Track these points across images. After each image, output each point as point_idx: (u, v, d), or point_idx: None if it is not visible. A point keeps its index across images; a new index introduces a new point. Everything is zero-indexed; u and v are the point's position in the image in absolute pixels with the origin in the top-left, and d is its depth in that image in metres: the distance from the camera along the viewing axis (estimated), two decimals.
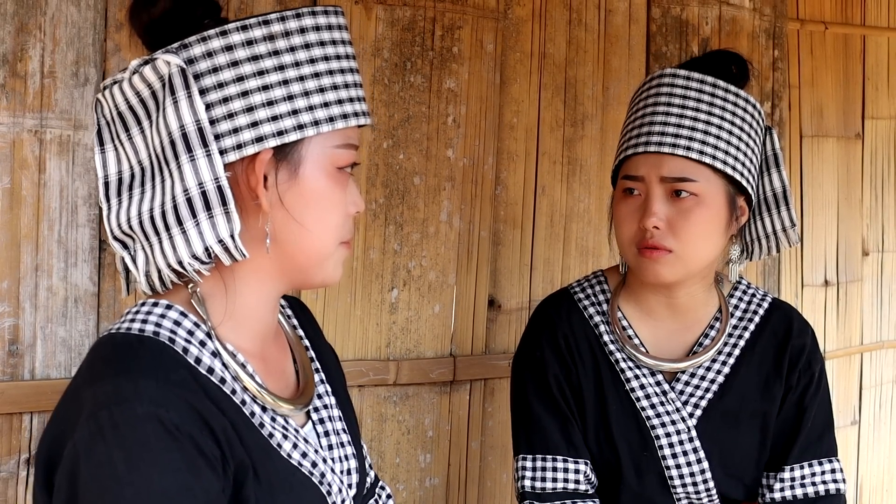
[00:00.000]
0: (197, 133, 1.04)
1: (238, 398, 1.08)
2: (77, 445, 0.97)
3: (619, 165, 1.65)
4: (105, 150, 1.11)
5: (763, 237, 1.69)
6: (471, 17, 2.28)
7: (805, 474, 1.63)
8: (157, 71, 1.05)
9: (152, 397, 0.97)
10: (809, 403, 1.65)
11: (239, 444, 1.04)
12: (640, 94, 1.66)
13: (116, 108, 1.10)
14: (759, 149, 1.63)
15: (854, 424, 3.25)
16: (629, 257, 1.61)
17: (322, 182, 1.11)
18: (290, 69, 1.09)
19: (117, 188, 1.10)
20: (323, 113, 1.09)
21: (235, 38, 1.07)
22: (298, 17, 1.10)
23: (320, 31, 1.12)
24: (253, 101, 1.07)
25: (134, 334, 1.04)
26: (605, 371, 1.65)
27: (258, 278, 1.12)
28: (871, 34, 3.20)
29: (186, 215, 1.04)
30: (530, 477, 1.63)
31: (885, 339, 3.34)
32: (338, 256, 1.16)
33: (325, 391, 1.27)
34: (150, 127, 1.07)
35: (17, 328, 1.75)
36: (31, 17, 1.74)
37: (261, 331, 1.16)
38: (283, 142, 1.08)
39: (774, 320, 1.69)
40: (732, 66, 1.64)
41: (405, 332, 2.24)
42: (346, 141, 1.13)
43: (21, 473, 1.75)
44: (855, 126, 3.18)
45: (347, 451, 1.25)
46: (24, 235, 1.75)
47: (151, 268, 1.09)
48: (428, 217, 2.25)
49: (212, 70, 1.06)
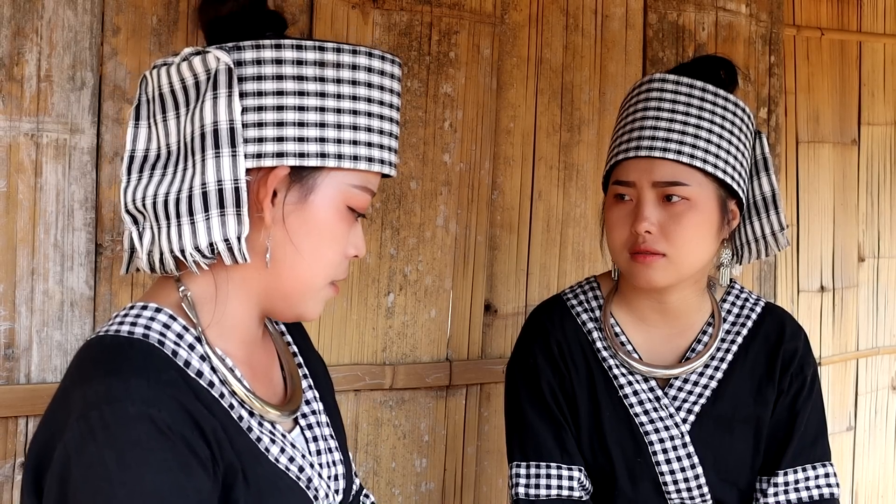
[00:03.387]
0: (228, 132, 1.05)
1: (226, 402, 1.08)
2: (67, 446, 0.96)
3: (609, 171, 1.65)
4: (139, 125, 1.12)
5: (753, 241, 1.69)
6: (467, 21, 2.28)
7: (799, 478, 1.63)
8: (206, 64, 1.07)
9: (144, 397, 0.97)
10: (802, 407, 1.65)
11: (228, 446, 1.05)
12: (630, 99, 1.66)
13: (159, 88, 1.11)
14: (749, 153, 1.63)
15: (849, 430, 3.26)
16: (621, 262, 1.61)
17: (329, 214, 1.11)
18: (331, 99, 1.10)
19: (140, 164, 1.11)
20: (349, 150, 1.10)
21: (288, 54, 1.08)
22: (354, 54, 1.11)
23: (372, 73, 1.13)
24: (285, 118, 1.08)
25: (123, 336, 1.04)
26: (599, 377, 1.65)
27: (247, 289, 1.13)
28: (867, 40, 3.21)
29: (199, 208, 1.05)
30: (524, 484, 1.63)
31: (880, 346, 3.35)
32: (323, 294, 1.16)
33: (314, 397, 1.27)
34: (186, 115, 1.09)
35: (12, 332, 1.75)
36: (27, 20, 1.74)
37: (246, 339, 1.16)
38: (302, 164, 1.09)
39: (767, 324, 1.69)
40: (721, 70, 1.64)
41: (401, 336, 2.24)
42: (364, 183, 1.14)
43: (17, 478, 1.75)
44: (851, 132, 3.19)
45: (335, 456, 1.25)
46: (20, 239, 1.75)
47: (155, 249, 1.10)
48: (424, 222, 2.25)
49: (256, 77, 1.08)
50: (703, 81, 1.59)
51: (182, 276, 1.11)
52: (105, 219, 1.83)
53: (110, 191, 1.84)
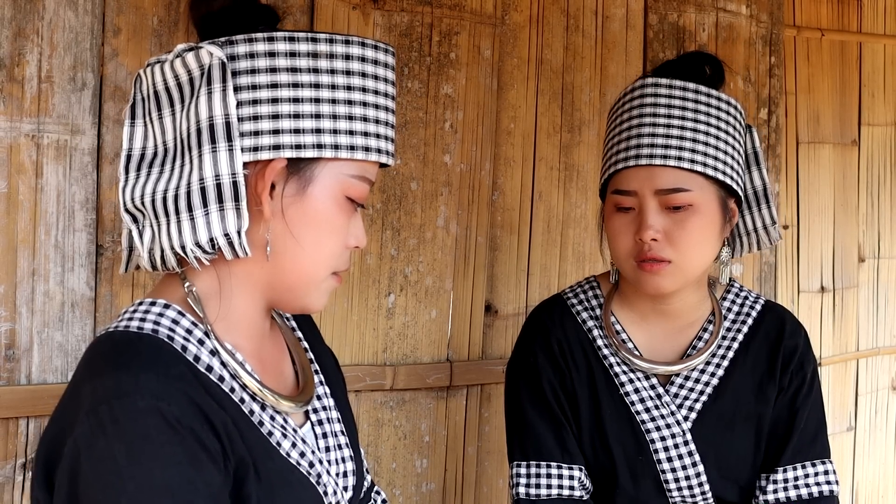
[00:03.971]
0: (224, 126, 1.05)
1: (237, 396, 1.08)
2: (77, 441, 0.97)
3: (607, 179, 1.64)
4: (135, 124, 1.13)
5: (744, 234, 1.70)
6: (468, 22, 2.28)
7: (798, 475, 1.63)
8: (199, 59, 1.07)
9: (153, 391, 0.97)
10: (802, 404, 1.65)
11: (240, 440, 1.05)
12: (622, 105, 1.65)
13: (154, 86, 1.12)
14: (742, 148, 1.64)
15: (850, 430, 3.26)
16: (628, 271, 1.60)
17: (327, 205, 1.11)
18: (325, 90, 1.10)
19: (138, 163, 1.12)
20: (345, 139, 1.10)
21: (280, 46, 1.09)
22: (347, 44, 1.11)
23: (365, 62, 1.12)
24: (280, 110, 1.08)
25: (133, 332, 1.05)
26: (600, 375, 1.65)
27: (251, 283, 1.13)
28: (867, 41, 3.21)
29: (198, 203, 1.06)
30: (524, 484, 1.63)
31: (880, 346, 3.35)
32: (326, 286, 1.16)
33: (324, 393, 1.27)
34: (182, 111, 1.09)
35: (13, 333, 1.75)
36: (28, 21, 1.74)
37: (254, 333, 1.16)
38: (299, 156, 1.09)
39: (767, 322, 1.69)
40: (706, 66, 1.63)
41: (402, 337, 2.24)
42: (361, 173, 1.13)
43: (17, 478, 1.75)
44: (851, 133, 3.19)
45: (345, 453, 1.25)
46: (20, 240, 1.75)
47: (156, 246, 1.10)
48: (425, 222, 2.25)
49: (250, 71, 1.08)
50: (691, 80, 1.58)
51: (186, 272, 1.11)
52: (106, 220, 1.84)
53: (111, 192, 1.84)
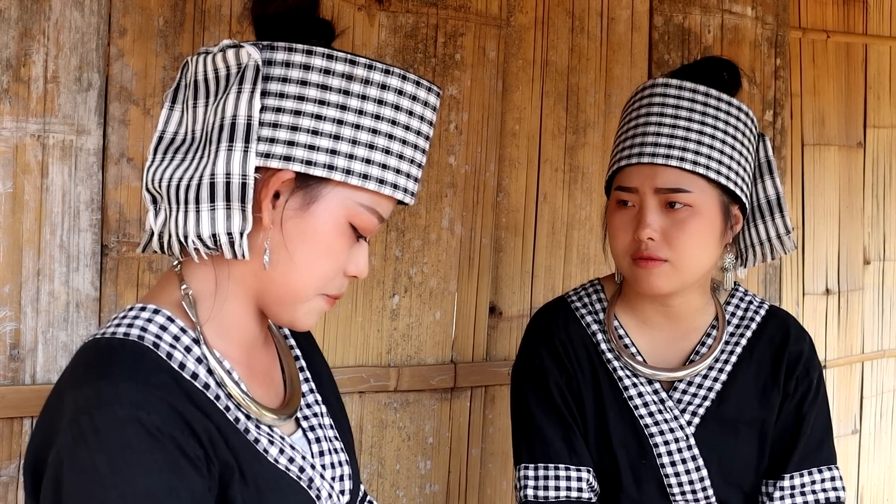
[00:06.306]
0: (245, 127, 1.06)
1: (222, 404, 1.08)
2: (60, 451, 0.97)
3: (612, 176, 1.65)
4: (174, 108, 1.14)
5: (758, 244, 1.69)
6: (473, 24, 2.28)
7: (805, 482, 1.63)
8: (238, 58, 1.08)
9: (132, 400, 0.98)
10: (808, 411, 1.65)
11: (224, 446, 1.05)
12: (633, 103, 1.66)
13: (195, 75, 1.13)
14: (752, 157, 1.63)
15: (855, 433, 3.25)
16: (624, 267, 1.61)
17: (328, 228, 1.11)
18: (352, 114, 1.09)
19: (167, 146, 1.13)
20: (360, 167, 1.10)
21: (317, 61, 1.09)
22: (386, 74, 1.11)
23: (402, 96, 1.12)
24: (301, 123, 1.08)
25: (117, 339, 1.05)
26: (604, 379, 1.65)
27: (245, 288, 1.13)
28: (872, 43, 3.21)
29: (206, 197, 1.06)
30: (533, 486, 1.63)
31: (885, 348, 3.34)
32: (313, 305, 1.15)
33: (316, 400, 1.27)
34: (213, 104, 1.10)
35: (18, 332, 1.76)
36: (34, 22, 1.74)
37: (246, 340, 1.16)
38: (308, 171, 1.08)
39: (771, 327, 1.69)
40: (724, 72, 1.64)
41: (406, 338, 2.24)
42: (372, 205, 1.12)
43: (21, 478, 1.76)
44: (856, 135, 3.18)
45: (340, 457, 1.25)
46: (25, 240, 1.76)
47: (165, 230, 1.11)
48: (429, 224, 2.25)
49: (282, 79, 1.08)
50: (707, 84, 1.59)
51: (184, 268, 1.12)
52: (111, 220, 1.84)
53: (116, 192, 1.84)
